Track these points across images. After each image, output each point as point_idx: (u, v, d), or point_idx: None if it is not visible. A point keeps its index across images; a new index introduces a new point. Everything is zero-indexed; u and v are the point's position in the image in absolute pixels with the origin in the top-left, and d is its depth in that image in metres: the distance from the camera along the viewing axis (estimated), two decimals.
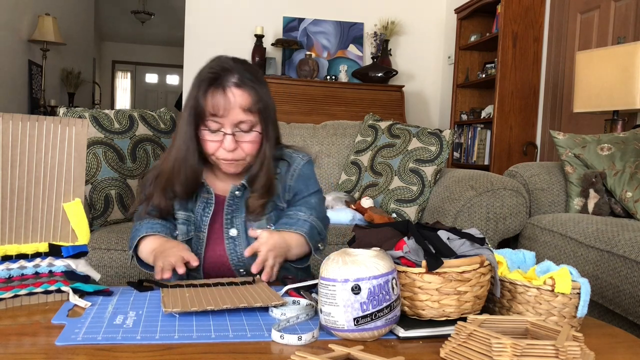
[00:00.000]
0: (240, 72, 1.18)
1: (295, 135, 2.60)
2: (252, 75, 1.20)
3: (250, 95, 1.18)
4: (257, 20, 4.50)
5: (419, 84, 4.87)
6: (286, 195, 1.30)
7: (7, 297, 0.95)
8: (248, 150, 1.21)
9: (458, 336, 0.77)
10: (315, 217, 1.28)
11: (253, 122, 1.19)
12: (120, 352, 0.76)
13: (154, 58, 10.11)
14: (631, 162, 2.08)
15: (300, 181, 1.31)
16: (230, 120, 1.17)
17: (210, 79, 1.17)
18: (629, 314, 1.55)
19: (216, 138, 1.19)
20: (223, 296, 1.00)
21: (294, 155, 1.33)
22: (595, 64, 2.57)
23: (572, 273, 0.92)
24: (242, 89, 1.17)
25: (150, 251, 1.20)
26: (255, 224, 1.27)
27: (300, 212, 1.28)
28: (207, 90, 1.17)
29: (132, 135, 2.03)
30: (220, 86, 1.17)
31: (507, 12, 3.72)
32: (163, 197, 1.25)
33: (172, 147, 1.26)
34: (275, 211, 1.29)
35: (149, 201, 1.26)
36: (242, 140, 1.20)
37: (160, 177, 1.25)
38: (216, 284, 1.09)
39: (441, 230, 0.96)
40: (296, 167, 1.31)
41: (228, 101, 1.16)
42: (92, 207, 1.90)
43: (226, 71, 1.18)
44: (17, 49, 5.03)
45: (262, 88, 1.21)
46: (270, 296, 0.99)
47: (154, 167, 1.31)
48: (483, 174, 2.17)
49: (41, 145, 0.98)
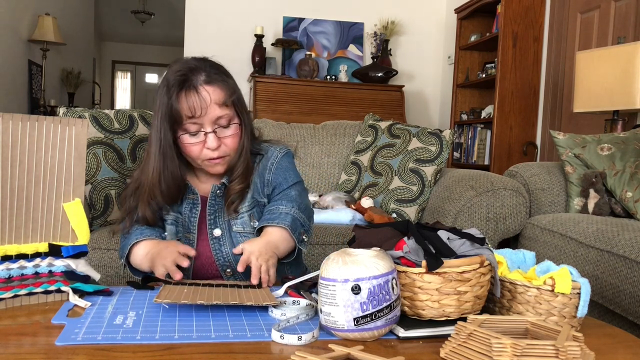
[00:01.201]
0: (206, 69, 1.19)
1: (295, 135, 2.59)
2: (217, 70, 1.21)
3: (223, 89, 1.19)
4: (257, 20, 4.51)
5: (419, 84, 4.87)
6: (265, 190, 1.29)
7: (7, 297, 0.95)
8: (231, 145, 1.21)
9: (458, 336, 0.77)
10: (297, 209, 1.25)
11: (230, 115, 1.20)
12: (120, 352, 0.76)
13: (154, 58, 10.12)
14: (631, 162, 2.08)
15: (278, 174, 1.29)
16: (208, 118, 1.17)
17: (180, 81, 1.16)
18: (629, 314, 1.55)
19: (197, 140, 1.19)
20: (218, 294, 1.00)
21: (271, 148, 1.32)
22: (595, 64, 2.57)
23: (572, 273, 0.92)
24: (213, 85, 1.18)
25: (143, 255, 1.19)
26: (239, 221, 1.26)
27: (281, 206, 1.25)
28: (179, 93, 1.16)
29: (132, 135, 2.03)
30: (192, 87, 1.16)
31: (507, 12, 3.72)
32: (148, 208, 1.23)
33: (147, 157, 1.23)
34: (257, 207, 1.28)
35: (132, 215, 1.24)
36: (223, 136, 1.20)
37: (142, 189, 1.23)
38: (219, 285, 1.09)
39: (441, 230, 0.96)
40: (274, 161, 1.30)
41: (203, 100, 1.16)
42: (92, 207, 1.90)
43: (193, 71, 1.18)
44: (17, 49, 5.03)
45: (230, 80, 1.23)
46: (265, 296, 0.99)
47: (132, 182, 1.28)
48: (483, 174, 2.17)
49: (41, 145, 0.98)
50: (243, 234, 1.27)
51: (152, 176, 1.21)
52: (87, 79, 7.05)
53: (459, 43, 4.39)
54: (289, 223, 1.21)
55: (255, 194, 1.28)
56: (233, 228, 1.27)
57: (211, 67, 1.20)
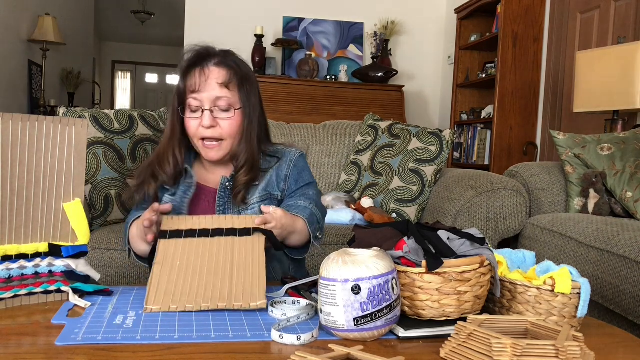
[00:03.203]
0: (222, 55, 1.25)
1: (295, 135, 2.59)
2: (235, 62, 1.25)
3: (228, 73, 1.23)
4: (257, 20, 4.50)
5: (419, 84, 4.87)
6: (282, 185, 1.31)
7: (7, 297, 0.95)
8: (227, 129, 1.23)
9: (458, 336, 0.77)
10: (314, 206, 1.29)
11: (231, 100, 1.22)
12: (120, 352, 0.76)
13: (154, 58, 10.12)
14: (631, 162, 2.08)
15: (295, 171, 1.33)
16: (208, 96, 1.21)
17: (193, 61, 1.23)
18: (629, 314, 1.55)
19: (196, 116, 1.22)
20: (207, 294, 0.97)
21: (287, 150, 1.36)
22: (595, 64, 2.57)
23: (572, 273, 0.92)
24: (220, 67, 1.23)
25: (135, 234, 1.20)
26: (249, 212, 1.27)
27: (299, 201, 1.29)
28: (187, 70, 1.23)
29: (132, 135, 2.03)
30: (199, 65, 1.22)
31: (507, 12, 3.72)
32: (153, 182, 1.26)
33: (164, 135, 1.31)
34: (269, 200, 1.30)
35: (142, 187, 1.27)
36: (220, 118, 1.22)
37: (152, 160, 1.28)
38: (215, 231, 1.08)
39: (441, 230, 0.96)
40: (292, 158, 1.34)
41: (204, 76, 1.21)
42: (92, 207, 1.90)
43: (210, 53, 1.24)
44: (17, 49, 5.03)
45: (244, 70, 1.26)
46: (255, 294, 0.97)
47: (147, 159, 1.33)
48: (483, 174, 2.17)
49: (41, 145, 0.98)
50: None
51: (161, 151, 1.27)
52: (87, 79, 7.04)
53: (459, 43, 4.39)
54: (307, 216, 1.24)
55: (269, 187, 1.30)
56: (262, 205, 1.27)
57: (228, 56, 1.26)
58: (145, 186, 1.26)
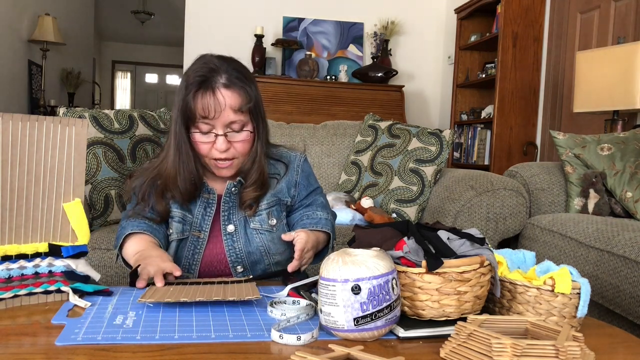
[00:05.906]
0: (227, 71, 1.18)
1: (295, 135, 2.60)
2: (239, 74, 1.20)
3: (240, 95, 1.18)
4: (257, 20, 4.50)
5: (419, 84, 4.87)
6: (292, 191, 1.33)
7: (7, 297, 0.95)
8: (240, 150, 1.22)
9: (458, 336, 0.77)
10: (332, 218, 1.34)
11: (244, 121, 1.20)
12: (120, 352, 0.76)
13: (153, 58, 10.11)
14: (631, 162, 2.08)
15: (304, 177, 1.35)
16: (221, 121, 1.17)
17: (199, 82, 1.16)
18: (629, 314, 1.55)
19: (208, 139, 1.19)
20: (203, 291, 0.99)
21: (291, 154, 1.36)
22: (595, 64, 2.57)
23: (572, 273, 0.92)
24: (231, 89, 1.17)
25: (133, 253, 1.18)
26: (257, 218, 1.27)
27: (318, 212, 1.32)
28: (196, 92, 1.16)
29: (132, 135, 2.02)
30: (210, 88, 1.16)
31: (507, 12, 3.72)
32: (162, 201, 1.24)
33: (167, 148, 1.24)
34: (278, 206, 1.30)
35: (145, 203, 1.25)
36: (234, 140, 1.20)
37: (159, 180, 1.24)
38: (206, 282, 1.09)
39: (441, 230, 0.96)
40: (298, 163, 1.35)
41: (218, 103, 1.15)
42: (92, 207, 1.90)
43: (213, 72, 1.17)
44: (17, 49, 5.03)
45: (250, 85, 1.21)
46: (249, 290, 0.98)
47: (144, 169, 1.29)
48: (483, 174, 2.17)
49: (41, 145, 0.98)
50: (260, 230, 1.27)
51: (170, 170, 1.22)
52: (87, 79, 7.04)
53: (459, 43, 4.39)
54: (331, 229, 1.29)
55: (279, 193, 1.31)
56: (250, 225, 1.27)
57: (233, 70, 1.19)
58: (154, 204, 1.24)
